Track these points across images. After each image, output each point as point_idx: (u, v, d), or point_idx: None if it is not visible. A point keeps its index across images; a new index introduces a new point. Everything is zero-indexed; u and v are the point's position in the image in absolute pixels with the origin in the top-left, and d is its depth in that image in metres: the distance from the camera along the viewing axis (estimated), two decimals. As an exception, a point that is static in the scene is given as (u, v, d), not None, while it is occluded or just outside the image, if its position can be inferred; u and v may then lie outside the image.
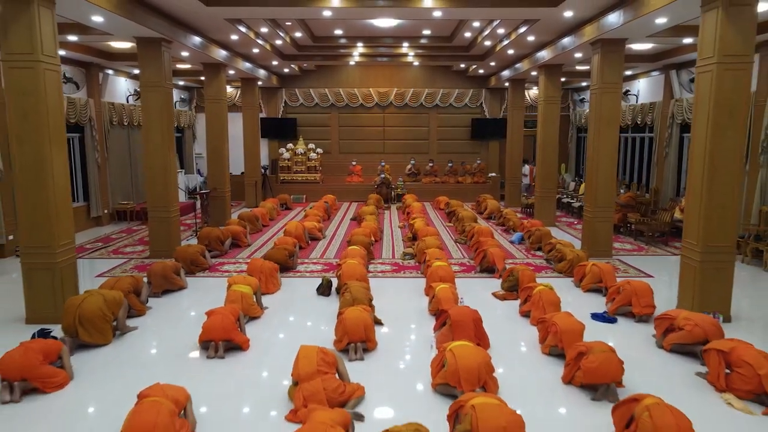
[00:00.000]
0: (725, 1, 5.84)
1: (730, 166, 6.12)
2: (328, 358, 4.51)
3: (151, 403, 3.87)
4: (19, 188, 6.11)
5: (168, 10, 8.75)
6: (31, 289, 6.23)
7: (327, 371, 4.41)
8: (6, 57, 5.86)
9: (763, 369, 4.47)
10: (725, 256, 6.26)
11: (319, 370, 4.36)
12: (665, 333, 5.63)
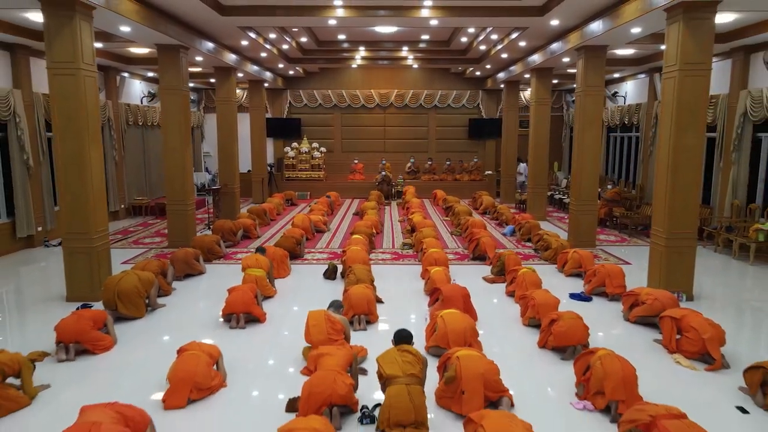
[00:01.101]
0: (686, 15, 6.62)
1: (691, 162, 6.91)
2: (337, 326, 5.28)
3: (191, 354, 4.67)
4: (60, 181, 6.90)
5: (186, 19, 9.53)
6: (71, 271, 7.01)
7: (337, 338, 5.17)
8: (51, 65, 6.65)
9: (707, 333, 5.24)
10: (687, 241, 7.04)
11: (330, 338, 5.12)
12: (631, 308, 6.42)
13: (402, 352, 4.28)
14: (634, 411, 3.73)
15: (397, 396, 3.91)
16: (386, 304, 7.02)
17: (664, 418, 3.54)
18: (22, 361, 4.50)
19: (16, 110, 9.68)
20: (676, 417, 3.57)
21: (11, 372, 4.40)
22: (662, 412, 3.60)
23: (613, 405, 4.20)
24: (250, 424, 4.23)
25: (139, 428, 3.59)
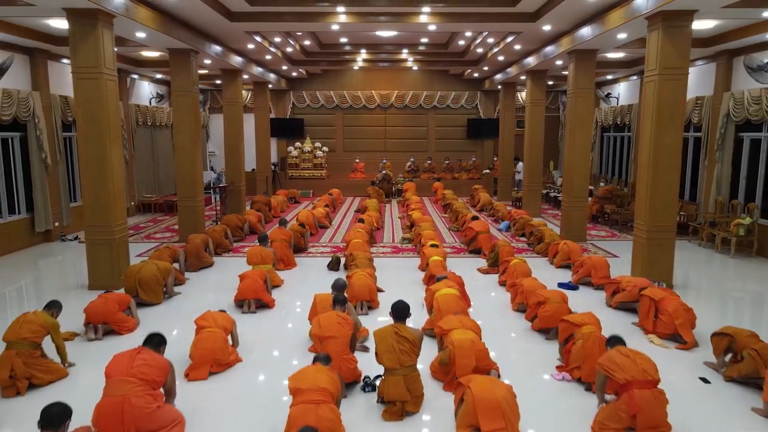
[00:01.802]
0: (665, 23, 7.13)
1: (670, 159, 7.41)
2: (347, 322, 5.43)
3: (209, 333, 5.18)
4: (84, 178, 7.42)
5: (197, 24, 10.05)
6: (93, 261, 7.53)
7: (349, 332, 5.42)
8: (76, 70, 7.17)
9: (679, 320, 5.74)
10: (667, 234, 7.55)
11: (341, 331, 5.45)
12: (613, 294, 6.93)
13: (400, 339, 4.48)
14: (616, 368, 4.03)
15: (395, 385, 4.35)
16: (386, 292, 7.52)
17: (637, 386, 3.94)
18: (47, 323, 4.88)
19: (35, 111, 10.20)
20: (649, 385, 3.97)
21: (42, 336, 4.82)
22: (638, 377, 3.96)
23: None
24: (263, 392, 4.74)
25: (161, 379, 4.03)
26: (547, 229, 10.33)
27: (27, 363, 4.72)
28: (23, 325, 4.81)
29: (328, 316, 4.98)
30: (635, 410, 3.88)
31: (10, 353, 4.67)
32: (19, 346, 4.72)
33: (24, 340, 4.75)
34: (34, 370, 4.74)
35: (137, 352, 4.13)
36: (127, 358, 4.06)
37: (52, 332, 4.92)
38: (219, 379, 5.01)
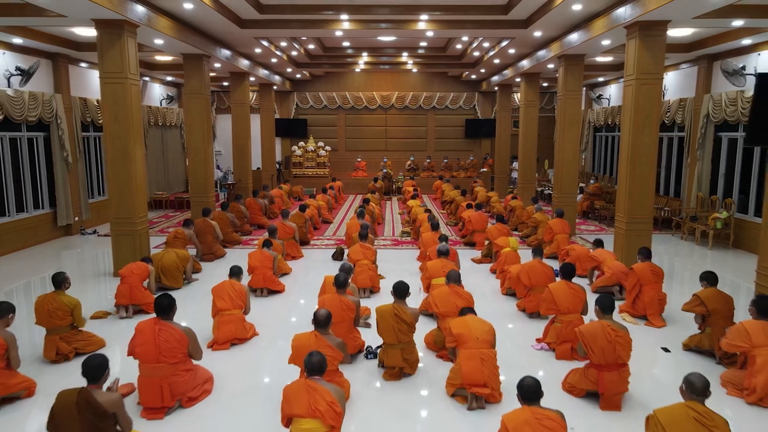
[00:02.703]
0: (641, 32, 7.79)
1: (646, 157, 8.07)
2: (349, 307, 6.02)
3: (228, 316, 5.82)
4: (110, 174, 8.09)
5: (210, 31, 10.72)
6: (117, 250, 8.20)
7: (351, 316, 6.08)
8: (103, 75, 7.85)
9: (651, 310, 6.39)
10: (644, 225, 8.21)
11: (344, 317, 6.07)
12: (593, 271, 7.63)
13: (399, 320, 5.02)
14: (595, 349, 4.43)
15: (394, 356, 5.02)
16: (387, 279, 8.18)
17: (606, 369, 4.46)
18: (70, 303, 5.40)
19: (57, 112, 10.88)
20: (617, 367, 4.47)
21: (68, 314, 5.36)
22: (610, 362, 4.43)
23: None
24: (276, 360, 5.41)
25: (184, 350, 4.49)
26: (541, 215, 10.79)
27: (69, 341, 5.39)
28: (52, 313, 5.29)
29: (332, 302, 5.37)
30: (602, 389, 4.45)
31: (53, 338, 5.32)
32: (57, 331, 5.35)
33: (59, 327, 5.35)
34: (76, 345, 5.41)
35: (157, 329, 4.43)
36: (152, 340, 4.36)
37: (74, 311, 5.42)
38: (240, 348, 5.69)
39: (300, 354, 4.29)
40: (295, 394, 3.53)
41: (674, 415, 3.25)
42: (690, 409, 3.25)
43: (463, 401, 4.53)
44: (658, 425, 3.22)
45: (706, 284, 5.62)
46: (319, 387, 3.53)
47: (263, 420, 4.29)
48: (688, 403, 3.30)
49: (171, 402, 4.35)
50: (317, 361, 3.63)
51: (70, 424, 3.25)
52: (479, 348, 4.58)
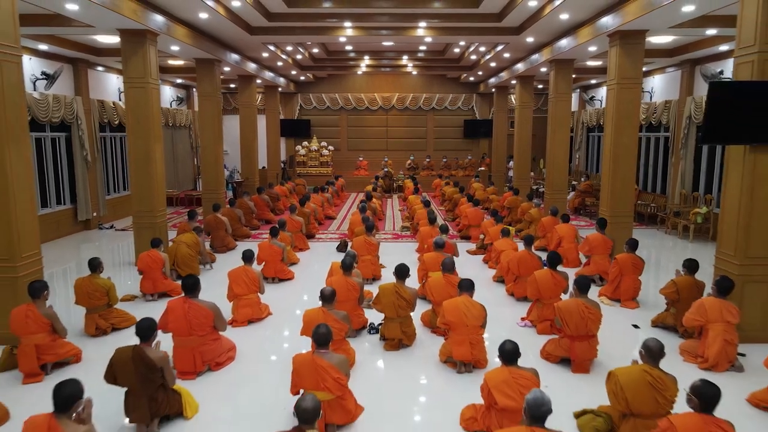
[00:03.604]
0: (622, 41, 8.46)
1: (627, 155, 8.74)
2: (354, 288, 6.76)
3: (245, 300, 6.49)
4: (132, 170, 8.78)
5: (221, 37, 11.40)
6: (139, 241, 8.87)
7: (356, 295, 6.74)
8: (127, 80, 8.53)
9: (625, 295, 7.07)
10: (626, 218, 8.88)
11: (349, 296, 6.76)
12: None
13: (399, 297, 5.72)
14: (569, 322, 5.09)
15: (393, 329, 5.72)
16: (388, 269, 8.85)
17: (578, 340, 5.16)
18: (106, 285, 6.08)
19: (78, 114, 11.57)
20: (587, 338, 5.21)
21: (104, 294, 6.04)
22: (581, 333, 5.11)
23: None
24: (288, 335, 6.09)
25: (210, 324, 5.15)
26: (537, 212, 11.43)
27: (106, 318, 6.09)
28: (91, 294, 6.00)
29: (339, 283, 6.04)
30: (574, 356, 5.14)
31: (92, 315, 6.02)
32: (95, 310, 6.05)
33: (97, 306, 6.06)
34: (112, 321, 6.10)
35: (187, 307, 5.05)
36: (183, 317, 4.99)
37: (109, 291, 6.13)
38: (256, 326, 6.37)
39: (310, 326, 4.94)
40: (304, 370, 4.05)
41: (631, 376, 3.82)
42: (646, 373, 3.79)
43: (453, 366, 5.20)
44: (618, 384, 3.83)
45: (686, 270, 6.23)
46: (324, 364, 4.03)
47: (278, 382, 4.95)
48: (645, 367, 3.87)
49: (202, 367, 5.04)
50: (323, 332, 4.17)
51: (125, 374, 3.93)
52: (469, 334, 5.12)
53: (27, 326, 4.85)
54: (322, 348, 4.12)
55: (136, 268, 7.76)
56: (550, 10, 8.99)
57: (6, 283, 5.54)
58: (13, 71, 5.48)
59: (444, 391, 4.84)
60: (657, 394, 3.67)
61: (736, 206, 5.67)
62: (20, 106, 5.60)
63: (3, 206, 5.45)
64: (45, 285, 5.11)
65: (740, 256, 5.66)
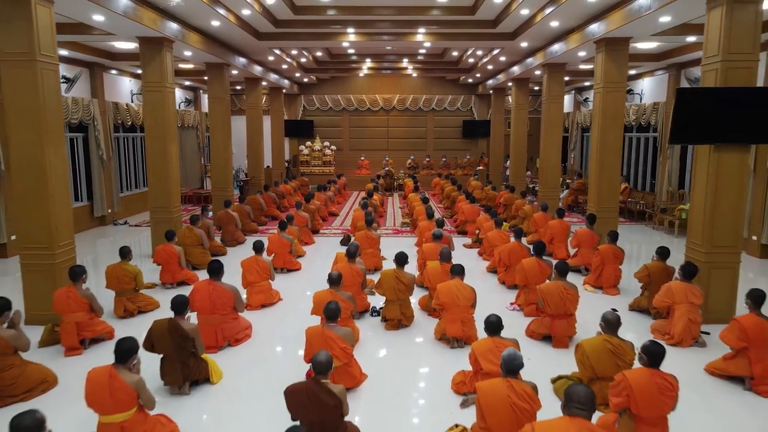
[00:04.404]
0: (607, 47, 9.06)
1: (613, 154, 9.33)
2: (358, 273, 7.43)
3: (258, 287, 7.10)
4: (150, 168, 9.39)
5: (231, 43, 12.01)
6: (156, 234, 9.47)
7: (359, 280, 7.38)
8: (146, 85, 9.14)
9: (606, 283, 7.67)
10: (611, 213, 9.48)
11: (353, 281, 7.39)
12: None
13: (398, 282, 6.37)
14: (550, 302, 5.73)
15: (393, 310, 6.34)
16: (388, 261, 9.46)
17: (557, 318, 5.81)
18: (134, 271, 6.71)
19: (94, 115, 12.18)
20: (566, 317, 5.84)
21: (132, 279, 6.68)
22: (560, 312, 5.80)
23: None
24: (298, 317, 6.68)
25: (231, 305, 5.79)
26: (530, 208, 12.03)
27: (133, 301, 6.71)
28: (120, 278, 6.64)
29: (344, 268, 6.63)
30: (554, 332, 5.77)
31: (121, 298, 6.65)
32: (124, 294, 6.68)
33: (125, 290, 6.69)
34: (139, 305, 6.72)
35: (211, 288, 5.72)
36: (207, 297, 5.62)
37: (137, 277, 6.77)
38: (269, 309, 6.99)
39: (319, 306, 5.58)
40: (315, 340, 4.68)
41: (595, 346, 4.46)
42: (607, 342, 4.44)
43: (446, 343, 5.81)
44: (584, 353, 4.46)
45: (658, 257, 6.86)
46: (333, 335, 4.66)
47: (289, 357, 5.57)
48: (605, 337, 4.51)
49: (223, 342, 5.66)
50: (333, 308, 4.79)
51: (162, 342, 4.54)
52: (460, 314, 5.75)
53: (68, 306, 5.46)
54: (331, 322, 4.73)
55: (152, 260, 8.37)
56: (541, 18, 9.59)
57: (45, 268, 6.16)
58: (51, 78, 6.10)
59: (438, 363, 5.45)
60: (617, 359, 4.28)
61: (702, 200, 6.28)
62: (57, 110, 6.22)
63: (43, 200, 6.07)
64: (83, 269, 5.72)
65: (707, 245, 6.26)
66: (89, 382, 3.64)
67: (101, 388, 3.54)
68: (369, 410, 4.54)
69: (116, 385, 3.56)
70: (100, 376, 3.58)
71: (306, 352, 4.79)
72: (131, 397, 3.61)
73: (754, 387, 4.73)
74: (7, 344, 4.42)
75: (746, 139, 5.96)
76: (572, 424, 2.91)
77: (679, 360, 5.51)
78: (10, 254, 9.64)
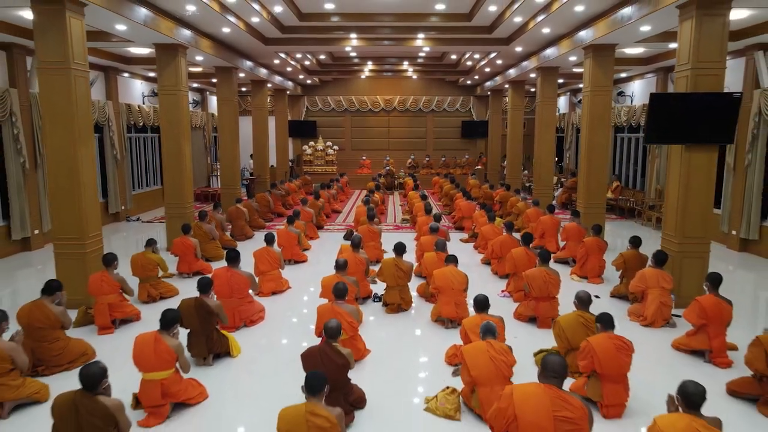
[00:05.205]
0: (594, 53, 9.65)
1: (600, 153, 9.93)
2: (362, 262, 8.08)
3: (269, 275, 7.70)
4: (165, 167, 10.01)
5: (239, 47, 12.63)
6: (170, 229, 10.10)
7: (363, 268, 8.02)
8: (161, 89, 9.75)
9: (591, 273, 8.26)
10: (599, 209, 10.08)
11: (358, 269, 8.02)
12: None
13: (398, 269, 6.98)
14: (534, 286, 6.41)
15: (393, 295, 6.95)
16: (389, 253, 10.05)
17: (541, 301, 6.41)
18: (157, 259, 7.37)
19: (109, 117, 12.80)
20: (549, 299, 6.44)
21: (156, 267, 7.32)
22: (543, 295, 6.41)
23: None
24: (305, 302, 7.30)
25: (247, 290, 6.45)
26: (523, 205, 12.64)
27: (156, 288, 7.33)
28: (145, 266, 7.28)
29: (349, 258, 7.13)
30: (538, 313, 6.39)
31: (145, 285, 7.27)
32: (147, 280, 7.31)
33: (149, 277, 7.32)
34: (161, 291, 7.34)
35: (229, 275, 6.39)
36: (226, 282, 6.27)
37: (160, 264, 7.43)
38: (279, 296, 7.60)
39: (327, 288, 6.20)
40: (326, 315, 5.29)
41: (570, 320, 5.06)
42: (580, 317, 5.04)
43: (442, 324, 6.42)
44: (560, 328, 5.07)
45: (631, 246, 7.48)
46: (341, 311, 5.29)
47: (299, 336, 6.17)
48: (579, 313, 5.10)
49: (239, 323, 6.27)
50: (341, 287, 5.43)
51: (189, 318, 5.15)
52: (454, 296, 6.36)
53: (102, 288, 6.08)
54: (340, 300, 5.34)
55: (170, 252, 8.98)
56: (534, 25, 10.19)
57: (77, 257, 6.77)
58: (82, 84, 6.71)
59: (433, 341, 6.05)
60: (589, 332, 4.87)
61: (675, 195, 6.88)
62: (87, 113, 6.84)
63: (75, 195, 6.68)
64: (115, 256, 6.34)
65: (679, 236, 6.86)
66: (137, 344, 4.26)
67: (147, 349, 4.17)
68: (372, 378, 5.14)
69: (160, 348, 4.19)
70: (147, 340, 4.21)
71: (317, 325, 5.40)
72: (172, 358, 4.25)
73: (713, 359, 5.33)
74: (57, 319, 5.03)
75: (712, 139, 6.56)
76: (545, 391, 3.34)
77: (651, 339, 6.11)
78: (34, 247, 10.27)
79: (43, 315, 5.02)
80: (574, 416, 3.20)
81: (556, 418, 3.18)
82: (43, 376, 4.99)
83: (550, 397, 3.25)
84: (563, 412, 3.19)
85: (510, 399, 3.26)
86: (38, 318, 5.00)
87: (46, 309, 5.05)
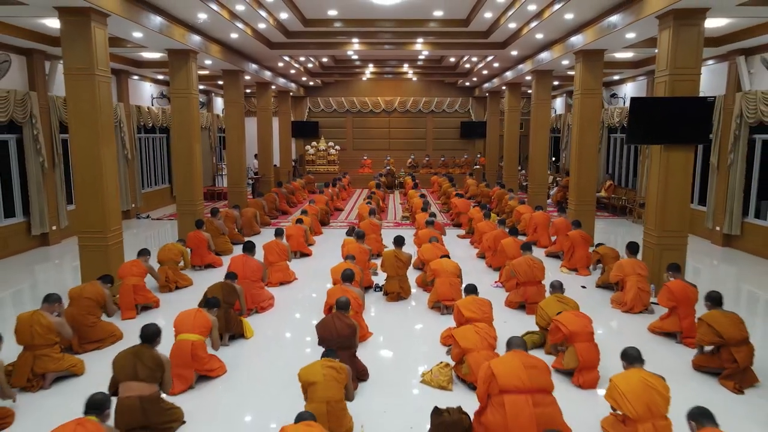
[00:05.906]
0: (584, 58, 10.18)
1: (590, 153, 10.45)
2: (365, 252, 8.63)
3: (277, 266, 8.24)
4: (176, 166, 10.54)
5: (245, 51, 13.16)
6: (182, 225, 10.62)
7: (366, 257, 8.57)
8: (173, 92, 10.28)
9: (578, 264, 8.79)
10: (589, 206, 10.60)
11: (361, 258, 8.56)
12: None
13: (398, 260, 7.53)
14: (521, 272, 7.03)
15: (393, 285, 7.49)
16: (389, 247, 10.57)
17: (529, 285, 6.99)
18: (183, 250, 8.06)
19: (121, 118, 13.34)
20: (536, 284, 7.00)
21: (179, 254, 8.00)
22: (530, 280, 6.98)
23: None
24: (311, 292, 7.82)
25: (260, 276, 7.07)
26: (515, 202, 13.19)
27: (174, 272, 7.90)
28: (171, 250, 8.01)
29: (353, 249, 7.86)
30: (527, 298, 6.94)
31: (164, 268, 7.85)
32: (169, 264, 7.91)
33: (172, 261, 7.91)
34: (178, 279, 7.89)
35: (244, 261, 7.02)
36: (241, 268, 6.92)
37: (183, 254, 8.08)
38: (286, 286, 8.14)
39: (336, 275, 6.77)
40: (336, 294, 5.85)
41: (548, 301, 5.71)
42: (556, 297, 5.71)
43: (438, 311, 6.96)
44: (543, 310, 5.64)
45: (604, 244, 8.05)
46: (349, 291, 5.87)
47: (306, 320, 6.70)
48: (557, 296, 5.72)
49: (252, 305, 6.82)
50: (349, 273, 6.07)
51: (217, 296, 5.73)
52: (449, 278, 6.95)
53: (131, 270, 6.88)
54: (347, 282, 5.92)
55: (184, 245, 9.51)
56: (527, 31, 10.72)
57: (99, 249, 7.30)
58: (105, 88, 7.24)
59: (430, 324, 6.59)
60: (564, 306, 5.48)
61: (655, 192, 7.40)
62: (109, 115, 7.37)
63: (99, 191, 7.21)
64: (148, 250, 7.15)
65: (658, 230, 7.39)
66: (181, 314, 5.21)
67: (189, 317, 5.15)
68: (374, 355, 5.67)
69: (200, 316, 5.18)
70: (190, 311, 5.25)
71: (327, 302, 6.00)
72: (207, 328, 5.10)
73: (683, 340, 5.86)
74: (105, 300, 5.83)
75: (689, 140, 7.08)
76: (514, 353, 4.11)
77: (631, 324, 6.65)
78: (52, 242, 10.80)
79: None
80: (539, 365, 4.01)
81: (526, 366, 3.93)
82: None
83: (518, 355, 4.04)
84: (531, 361, 4.03)
85: (488, 368, 3.97)
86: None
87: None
